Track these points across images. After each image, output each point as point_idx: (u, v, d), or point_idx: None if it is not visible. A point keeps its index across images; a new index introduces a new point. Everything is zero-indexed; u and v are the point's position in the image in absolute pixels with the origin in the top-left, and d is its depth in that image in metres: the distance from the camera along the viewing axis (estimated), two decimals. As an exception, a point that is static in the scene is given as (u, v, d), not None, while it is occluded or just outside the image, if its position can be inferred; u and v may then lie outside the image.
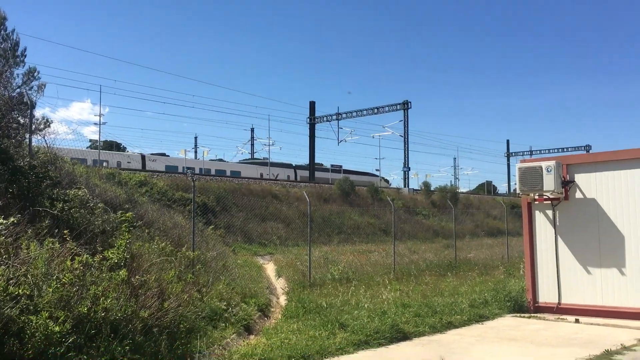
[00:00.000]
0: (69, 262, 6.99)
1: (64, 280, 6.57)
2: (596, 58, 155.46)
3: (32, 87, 13.46)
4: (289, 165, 61.71)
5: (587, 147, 77.42)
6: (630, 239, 11.82)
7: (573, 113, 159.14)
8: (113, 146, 54.26)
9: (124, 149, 56.78)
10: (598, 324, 11.18)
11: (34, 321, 5.83)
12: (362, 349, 8.87)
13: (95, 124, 41.75)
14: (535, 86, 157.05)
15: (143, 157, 47.06)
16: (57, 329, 5.91)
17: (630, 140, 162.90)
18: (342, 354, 8.45)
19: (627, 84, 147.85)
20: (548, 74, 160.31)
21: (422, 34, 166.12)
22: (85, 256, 7.36)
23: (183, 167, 45.63)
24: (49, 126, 13.00)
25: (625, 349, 8.81)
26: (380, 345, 9.15)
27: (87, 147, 41.60)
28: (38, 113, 13.98)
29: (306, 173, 57.02)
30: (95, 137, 44.60)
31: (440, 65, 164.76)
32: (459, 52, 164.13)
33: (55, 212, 8.97)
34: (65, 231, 7.99)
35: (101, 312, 6.56)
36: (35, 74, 13.78)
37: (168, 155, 52.64)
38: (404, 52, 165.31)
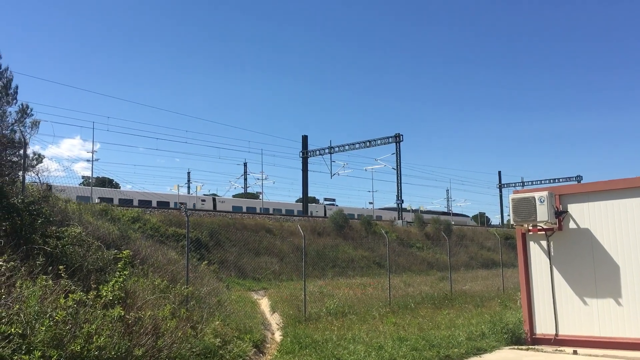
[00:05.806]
0: (62, 300, 6.92)
1: (57, 318, 6.50)
2: (586, 89, 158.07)
3: (25, 125, 13.50)
4: (406, 210, 68.75)
5: (579, 178, 77.99)
6: (625, 268, 11.83)
7: (563, 144, 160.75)
8: (105, 183, 54.42)
9: (116, 185, 57.02)
10: (596, 355, 11.09)
11: (26, 361, 5.74)
12: (360, 385, 8.74)
13: (88, 160, 41.95)
14: (526, 118, 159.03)
15: (325, 207, 63.13)
16: (49, 368, 5.82)
17: (619, 171, 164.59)
18: (339, 390, 8.32)
19: (616, 114, 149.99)
20: (537, 105, 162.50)
21: (412, 67, 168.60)
22: (79, 293, 7.29)
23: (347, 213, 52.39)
24: (41, 162, 13.01)
25: (625, 380, 8.73)
26: (378, 380, 9.02)
27: (79, 184, 41.70)
28: (30, 150, 13.98)
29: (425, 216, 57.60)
30: (87, 173, 45.06)
31: (431, 99, 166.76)
32: (450, 86, 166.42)
33: (49, 249, 8.90)
34: (60, 267, 7.92)
35: (95, 351, 6.47)
36: (28, 111, 13.85)
37: (337, 205, 65.73)
38: (396, 86, 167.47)
